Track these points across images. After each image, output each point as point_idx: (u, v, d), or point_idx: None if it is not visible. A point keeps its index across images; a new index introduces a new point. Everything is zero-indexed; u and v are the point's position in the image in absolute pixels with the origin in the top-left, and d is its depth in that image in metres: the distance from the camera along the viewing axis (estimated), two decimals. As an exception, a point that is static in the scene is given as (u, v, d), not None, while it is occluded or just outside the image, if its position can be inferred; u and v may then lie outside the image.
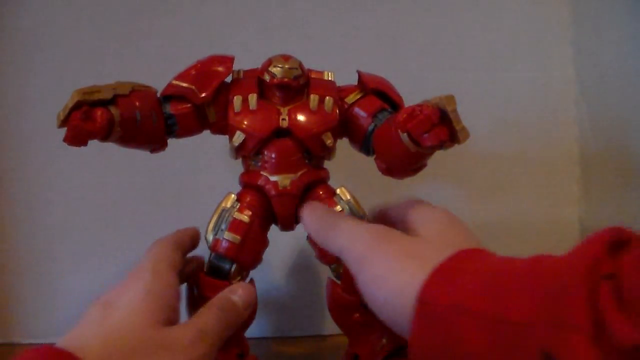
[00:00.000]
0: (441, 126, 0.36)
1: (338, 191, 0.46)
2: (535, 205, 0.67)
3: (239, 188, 0.46)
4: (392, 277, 0.34)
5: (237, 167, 0.47)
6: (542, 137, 0.67)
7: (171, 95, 0.45)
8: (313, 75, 0.46)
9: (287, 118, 0.44)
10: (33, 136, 0.65)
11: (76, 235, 0.65)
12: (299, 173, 0.45)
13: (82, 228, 0.65)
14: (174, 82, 0.45)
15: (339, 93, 0.46)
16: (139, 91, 0.44)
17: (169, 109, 0.45)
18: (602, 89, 0.64)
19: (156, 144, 0.46)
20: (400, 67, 0.64)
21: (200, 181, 0.65)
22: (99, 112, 0.40)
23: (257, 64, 0.45)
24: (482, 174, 0.67)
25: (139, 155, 0.51)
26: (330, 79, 0.47)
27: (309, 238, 0.45)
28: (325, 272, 0.48)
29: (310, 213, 0.42)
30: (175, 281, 0.40)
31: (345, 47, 0.65)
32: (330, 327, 0.65)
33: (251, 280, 0.46)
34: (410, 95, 0.43)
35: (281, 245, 0.61)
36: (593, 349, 0.24)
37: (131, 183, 0.65)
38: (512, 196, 0.67)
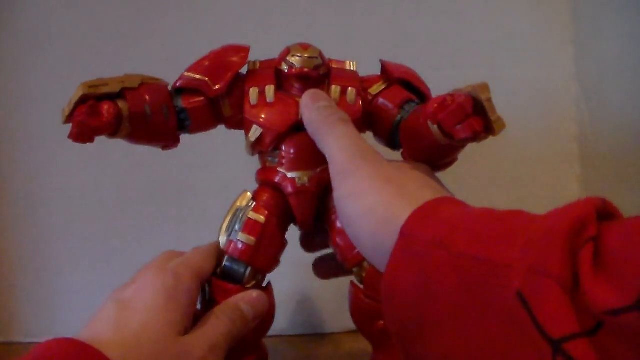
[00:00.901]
0: (475, 116, 0.34)
1: None
2: (535, 203, 0.67)
3: (250, 186, 0.44)
4: (379, 210, 0.34)
5: (245, 163, 0.46)
6: (542, 135, 0.67)
7: (183, 88, 0.42)
8: (334, 65, 0.44)
9: None
10: (33, 135, 0.65)
11: (76, 234, 0.65)
12: (319, 169, 0.41)
13: (82, 227, 0.65)
14: (186, 74, 0.42)
15: (362, 84, 0.43)
16: (148, 84, 0.41)
17: (181, 102, 0.42)
18: (602, 87, 0.64)
19: (168, 141, 0.43)
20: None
21: (203, 179, 0.65)
22: (105, 107, 0.38)
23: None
24: (482, 172, 0.67)
25: (140, 153, 0.51)
26: (352, 68, 0.44)
27: (333, 243, 0.43)
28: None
29: (311, 102, 0.40)
30: (197, 291, 0.39)
31: (346, 44, 0.65)
32: (330, 326, 0.65)
33: (268, 285, 0.44)
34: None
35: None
36: (566, 299, 0.24)
37: (132, 182, 0.65)
38: (512, 194, 0.67)
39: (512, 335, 0.26)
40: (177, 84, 0.42)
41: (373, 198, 0.35)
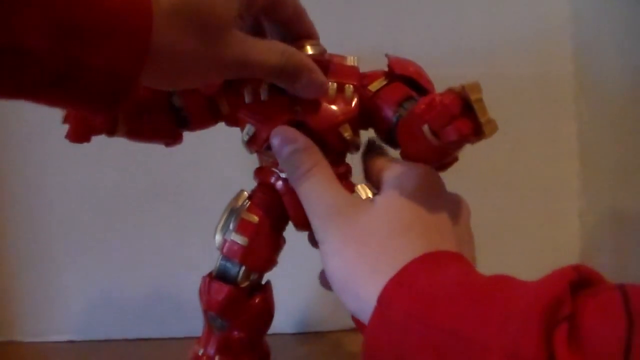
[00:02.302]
0: (463, 118, 0.32)
1: (359, 187, 0.40)
2: (535, 199, 0.67)
3: (251, 185, 0.43)
4: (347, 280, 0.33)
5: (246, 162, 0.45)
6: (542, 131, 0.67)
7: None
8: (335, 61, 0.42)
9: (300, 108, 0.40)
10: (33, 135, 0.64)
11: (76, 233, 0.65)
12: None
13: (82, 227, 0.65)
14: None
15: (363, 80, 0.42)
16: None
17: (179, 100, 0.42)
18: (601, 83, 0.64)
19: (169, 138, 0.43)
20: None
21: (204, 178, 0.65)
22: None
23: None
24: (481, 169, 0.67)
25: (140, 152, 0.51)
26: (352, 64, 0.42)
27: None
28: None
29: (278, 148, 0.38)
30: None
31: (344, 41, 0.65)
32: (329, 324, 0.65)
33: (267, 283, 0.44)
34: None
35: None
36: None
37: (132, 182, 0.65)
38: (512, 191, 0.67)
39: None
40: None
41: (334, 261, 0.34)
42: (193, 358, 0.42)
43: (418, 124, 0.34)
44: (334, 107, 0.40)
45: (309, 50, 0.40)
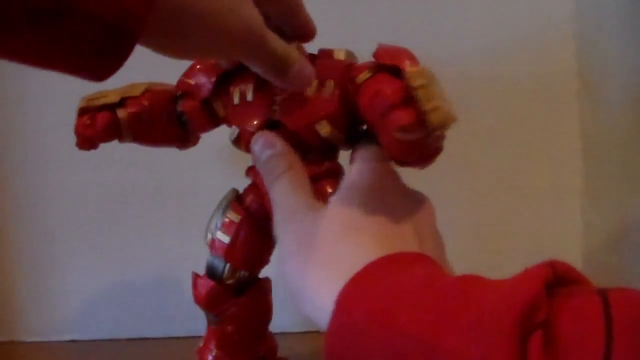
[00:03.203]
0: (406, 107, 0.30)
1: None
2: (537, 199, 0.67)
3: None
4: (299, 282, 0.33)
5: (247, 161, 0.44)
6: (545, 130, 0.67)
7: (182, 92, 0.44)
8: (321, 56, 0.41)
9: (278, 107, 0.40)
10: (32, 135, 0.65)
11: (77, 233, 0.65)
12: None
13: (83, 226, 0.65)
14: (181, 78, 0.44)
15: (350, 72, 0.39)
16: (152, 91, 0.44)
17: (180, 106, 0.44)
18: (604, 82, 0.64)
19: (176, 142, 0.46)
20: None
21: (203, 177, 0.65)
22: (99, 117, 0.42)
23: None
24: (484, 167, 0.67)
25: (140, 152, 0.51)
26: (339, 57, 0.41)
27: None
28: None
29: (257, 153, 0.39)
30: None
31: (344, 39, 0.65)
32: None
33: (261, 281, 0.45)
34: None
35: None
36: None
37: (133, 182, 0.65)
38: (514, 190, 0.67)
39: None
40: (175, 89, 0.44)
41: (288, 267, 0.34)
42: (196, 351, 0.45)
43: (366, 116, 0.33)
44: (311, 104, 0.39)
45: None
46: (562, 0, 0.66)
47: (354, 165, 0.37)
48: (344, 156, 0.41)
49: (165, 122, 0.44)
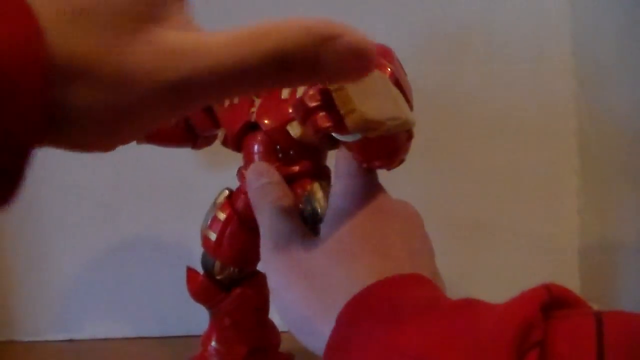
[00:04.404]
0: (325, 111, 0.30)
1: (314, 185, 0.40)
2: (534, 197, 0.67)
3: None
4: (293, 312, 0.32)
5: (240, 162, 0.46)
6: (541, 129, 0.67)
7: None
8: None
9: (254, 109, 0.41)
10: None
11: (75, 232, 0.65)
12: None
13: (81, 225, 0.65)
14: None
15: None
16: None
17: None
18: (601, 81, 0.64)
19: (188, 142, 0.48)
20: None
21: (202, 175, 0.65)
22: None
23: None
24: (480, 167, 0.67)
25: (139, 150, 0.51)
26: None
27: None
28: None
29: (252, 180, 0.39)
30: None
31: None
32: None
33: (256, 277, 0.46)
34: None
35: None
36: None
37: (133, 181, 0.65)
38: (511, 189, 0.67)
39: None
40: None
41: (283, 301, 0.33)
42: (201, 339, 0.47)
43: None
44: (284, 106, 0.39)
45: None
46: (558, -1, 0.67)
47: (338, 183, 0.37)
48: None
49: (175, 126, 0.46)
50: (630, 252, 0.60)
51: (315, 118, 0.30)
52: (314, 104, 0.30)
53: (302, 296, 0.32)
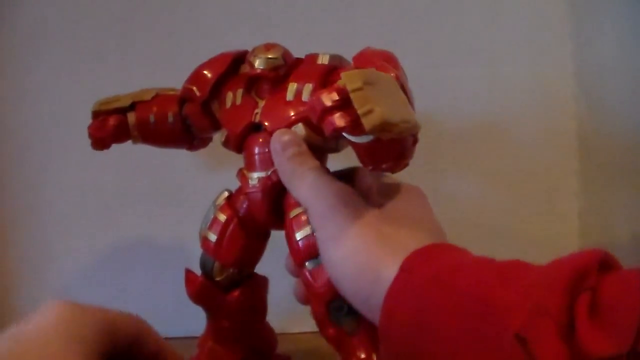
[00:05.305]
0: (342, 110, 0.30)
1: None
2: (534, 199, 0.67)
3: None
4: (359, 256, 0.34)
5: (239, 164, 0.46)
6: (541, 131, 0.67)
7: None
8: (305, 61, 0.42)
9: (259, 111, 0.41)
10: (31, 134, 0.65)
11: (76, 232, 0.65)
12: (270, 170, 0.40)
13: (80, 226, 0.65)
14: (184, 84, 0.46)
15: (332, 77, 0.40)
16: (162, 96, 0.47)
17: (184, 110, 0.46)
18: (601, 82, 0.64)
19: (185, 143, 0.48)
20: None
21: (203, 177, 0.65)
22: (109, 120, 0.46)
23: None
24: (481, 168, 0.67)
25: (140, 151, 0.51)
26: (323, 62, 0.41)
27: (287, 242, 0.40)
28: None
29: (280, 149, 0.39)
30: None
31: (343, 43, 0.65)
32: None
33: (256, 279, 0.46)
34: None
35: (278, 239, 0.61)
36: (562, 341, 0.25)
37: (134, 181, 0.65)
38: (511, 190, 0.67)
39: None
40: (179, 94, 0.46)
41: (352, 243, 0.34)
42: (198, 341, 0.47)
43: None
44: (290, 108, 0.40)
45: (256, 64, 0.41)
46: (558, -1, 0.67)
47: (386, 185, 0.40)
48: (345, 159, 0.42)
49: (172, 125, 0.46)
50: (630, 254, 0.60)
51: (332, 117, 0.30)
52: (331, 103, 0.30)
53: (367, 246, 0.34)
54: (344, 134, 0.31)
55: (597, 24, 0.64)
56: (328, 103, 0.30)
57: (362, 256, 0.34)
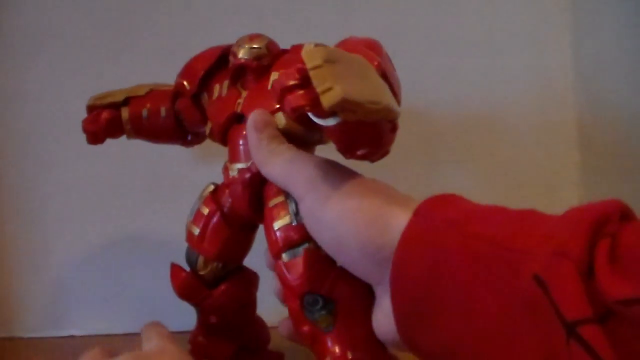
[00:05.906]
0: (303, 89, 0.29)
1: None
2: (534, 192, 0.67)
3: None
4: (364, 211, 0.33)
5: None
6: (541, 122, 0.67)
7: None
8: (290, 51, 0.42)
9: (242, 101, 0.40)
10: (30, 131, 0.65)
11: (75, 229, 0.65)
12: (250, 162, 0.40)
13: (81, 222, 0.65)
14: (176, 78, 0.46)
15: None
16: (156, 91, 0.47)
17: (176, 105, 0.46)
18: (600, 74, 0.64)
19: (179, 139, 0.49)
20: (396, 53, 0.64)
21: (200, 173, 0.64)
22: (102, 115, 0.47)
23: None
24: (480, 161, 0.67)
25: (138, 148, 0.51)
26: None
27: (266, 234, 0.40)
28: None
29: (254, 129, 0.38)
30: None
31: (341, 34, 0.65)
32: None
33: (243, 273, 0.45)
34: (406, 83, 0.42)
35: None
36: (581, 283, 0.25)
37: (133, 178, 0.65)
38: (511, 182, 0.67)
39: (525, 317, 0.27)
40: (172, 89, 0.47)
41: (351, 199, 0.34)
42: (189, 338, 0.47)
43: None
44: (271, 97, 0.38)
45: (240, 54, 0.40)
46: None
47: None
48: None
49: (164, 120, 0.47)
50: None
51: (291, 96, 0.29)
52: (290, 83, 0.29)
53: (370, 199, 0.33)
54: (310, 116, 0.31)
55: (596, 16, 0.64)
56: (288, 82, 0.29)
57: (366, 209, 0.33)
